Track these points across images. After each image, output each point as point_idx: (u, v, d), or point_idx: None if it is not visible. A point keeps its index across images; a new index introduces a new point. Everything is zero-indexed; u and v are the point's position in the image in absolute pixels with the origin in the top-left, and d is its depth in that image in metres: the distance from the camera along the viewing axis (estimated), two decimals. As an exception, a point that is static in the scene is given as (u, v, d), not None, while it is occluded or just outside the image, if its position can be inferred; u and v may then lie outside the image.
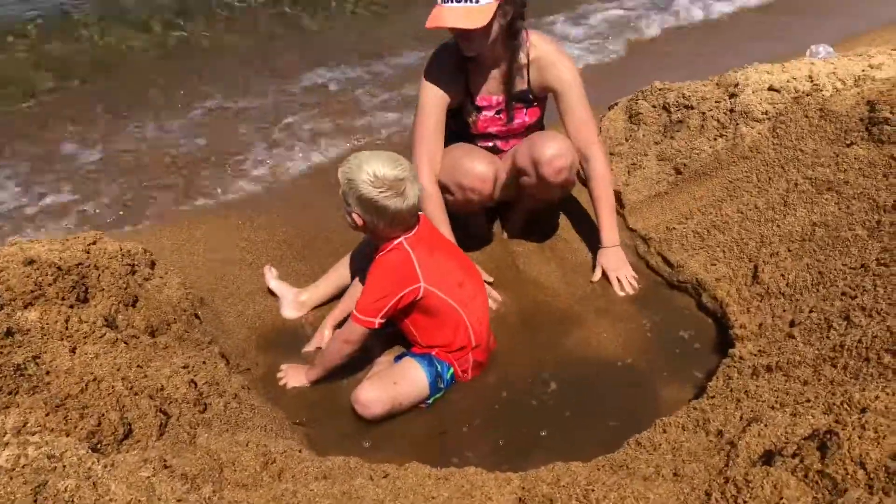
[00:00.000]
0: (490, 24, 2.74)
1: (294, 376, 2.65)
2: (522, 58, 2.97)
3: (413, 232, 2.50)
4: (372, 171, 2.35)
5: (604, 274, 3.12)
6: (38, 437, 1.54)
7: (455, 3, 2.70)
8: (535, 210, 3.32)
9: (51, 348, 1.88)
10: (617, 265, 3.11)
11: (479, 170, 2.92)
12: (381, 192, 2.36)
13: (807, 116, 2.96)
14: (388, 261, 2.48)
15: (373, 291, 2.45)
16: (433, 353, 2.56)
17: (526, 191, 3.10)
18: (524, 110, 3.11)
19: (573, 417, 2.48)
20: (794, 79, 3.14)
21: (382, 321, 2.46)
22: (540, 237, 3.37)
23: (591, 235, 3.31)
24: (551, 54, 2.99)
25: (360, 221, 2.45)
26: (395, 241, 2.48)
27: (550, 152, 2.90)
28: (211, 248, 3.36)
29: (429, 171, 2.94)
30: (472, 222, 3.28)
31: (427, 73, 3.01)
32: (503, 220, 3.44)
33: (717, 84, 3.41)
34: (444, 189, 3.00)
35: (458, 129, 3.13)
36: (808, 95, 3.04)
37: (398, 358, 2.64)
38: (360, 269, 2.90)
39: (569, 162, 2.93)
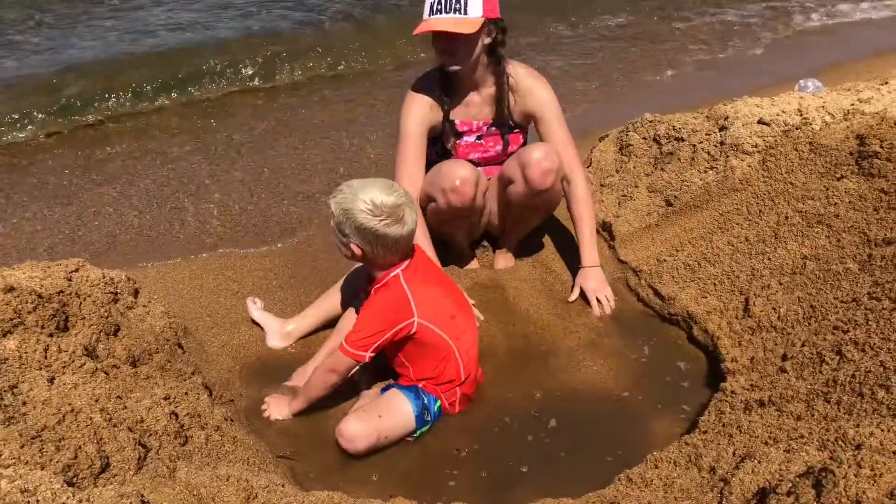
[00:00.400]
0: (476, 37, 2.82)
1: (277, 408, 2.59)
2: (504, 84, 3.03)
3: (408, 262, 2.46)
4: (369, 199, 2.31)
5: (582, 294, 3.12)
6: (11, 469, 1.49)
7: (440, 15, 2.78)
8: (523, 234, 3.33)
9: (28, 378, 1.83)
10: (596, 285, 3.11)
11: (462, 173, 2.94)
12: (381, 220, 2.32)
13: (797, 150, 2.96)
14: (383, 297, 2.44)
15: (366, 327, 2.41)
16: (420, 385, 2.52)
17: (513, 204, 3.10)
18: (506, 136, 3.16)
19: (563, 452, 2.43)
20: (784, 112, 3.16)
21: (373, 355, 2.42)
22: (529, 268, 3.35)
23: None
24: (531, 80, 3.08)
25: (358, 251, 2.40)
26: (392, 274, 2.44)
27: (538, 155, 2.94)
28: (196, 276, 3.32)
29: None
30: (454, 240, 3.27)
31: (408, 98, 3.06)
32: (493, 251, 3.42)
33: (707, 117, 3.42)
34: (427, 199, 3.02)
35: (440, 156, 3.15)
36: (797, 129, 3.05)
37: (384, 390, 2.59)
38: (349, 299, 2.86)
39: (555, 165, 2.95)
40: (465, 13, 2.76)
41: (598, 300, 3.09)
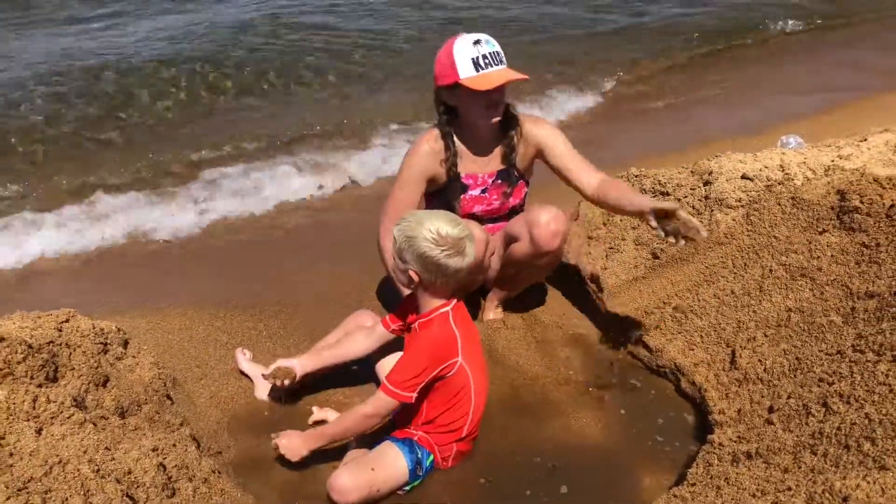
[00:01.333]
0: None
1: (294, 448, 2.48)
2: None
3: (456, 303, 2.50)
4: (434, 228, 2.35)
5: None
6: (-4, 522, 1.48)
7: (496, 67, 2.80)
8: (517, 291, 3.33)
9: (16, 429, 1.83)
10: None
11: (475, 232, 2.84)
12: (443, 250, 2.35)
13: (779, 204, 3.02)
14: (431, 336, 2.46)
15: (414, 366, 2.40)
16: (415, 438, 2.51)
17: (514, 262, 3.09)
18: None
19: (552, 505, 2.43)
20: (767, 168, 3.22)
21: (417, 395, 2.41)
22: (519, 320, 3.36)
23: (570, 318, 3.35)
24: (529, 121, 3.08)
25: (416, 278, 2.43)
26: (440, 311, 2.47)
27: (546, 217, 2.92)
28: (186, 327, 3.31)
29: None
30: None
31: (413, 149, 3.05)
32: (483, 304, 3.43)
33: (691, 171, 3.48)
34: None
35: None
36: (780, 184, 3.11)
37: (377, 443, 2.57)
38: (347, 348, 2.83)
39: (564, 228, 2.95)
40: (505, 63, 2.82)
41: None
